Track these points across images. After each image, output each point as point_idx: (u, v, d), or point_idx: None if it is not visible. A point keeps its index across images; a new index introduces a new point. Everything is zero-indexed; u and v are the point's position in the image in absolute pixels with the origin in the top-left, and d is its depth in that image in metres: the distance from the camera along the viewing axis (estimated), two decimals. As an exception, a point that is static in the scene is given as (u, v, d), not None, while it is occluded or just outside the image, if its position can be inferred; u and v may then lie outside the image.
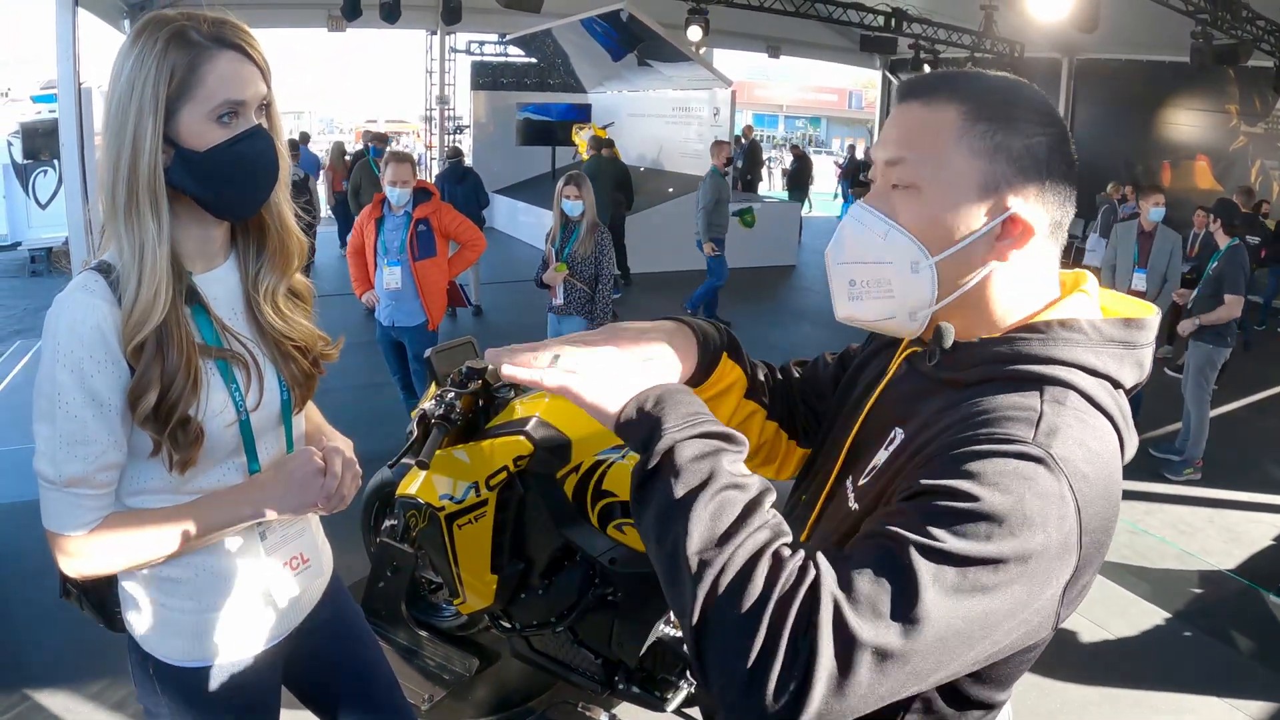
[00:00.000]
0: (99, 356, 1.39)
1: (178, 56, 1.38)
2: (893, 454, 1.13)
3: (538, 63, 18.19)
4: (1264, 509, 5.83)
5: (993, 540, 0.90)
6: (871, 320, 1.17)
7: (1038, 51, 15.72)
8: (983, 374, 1.09)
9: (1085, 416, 1.02)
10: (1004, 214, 1.08)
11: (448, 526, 2.98)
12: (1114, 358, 1.08)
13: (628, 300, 10.97)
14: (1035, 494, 0.93)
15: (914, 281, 1.11)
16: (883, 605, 0.88)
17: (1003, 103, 1.10)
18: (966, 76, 1.13)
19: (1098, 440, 1.02)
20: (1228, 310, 6.09)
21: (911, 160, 1.10)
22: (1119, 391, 1.09)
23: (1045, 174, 1.09)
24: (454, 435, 2.97)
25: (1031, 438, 0.97)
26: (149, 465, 1.50)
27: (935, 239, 1.10)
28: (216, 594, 1.61)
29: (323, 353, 1.70)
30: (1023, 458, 0.94)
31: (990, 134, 1.08)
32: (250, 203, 1.52)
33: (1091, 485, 0.97)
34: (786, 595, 0.89)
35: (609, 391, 1.06)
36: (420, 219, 5.28)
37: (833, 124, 41.39)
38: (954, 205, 1.09)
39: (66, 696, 3.43)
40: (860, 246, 1.15)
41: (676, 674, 3.01)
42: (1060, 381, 1.04)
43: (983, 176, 1.08)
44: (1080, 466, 0.97)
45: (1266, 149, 13.62)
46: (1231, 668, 4.04)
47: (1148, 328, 1.12)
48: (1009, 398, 1.03)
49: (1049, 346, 1.06)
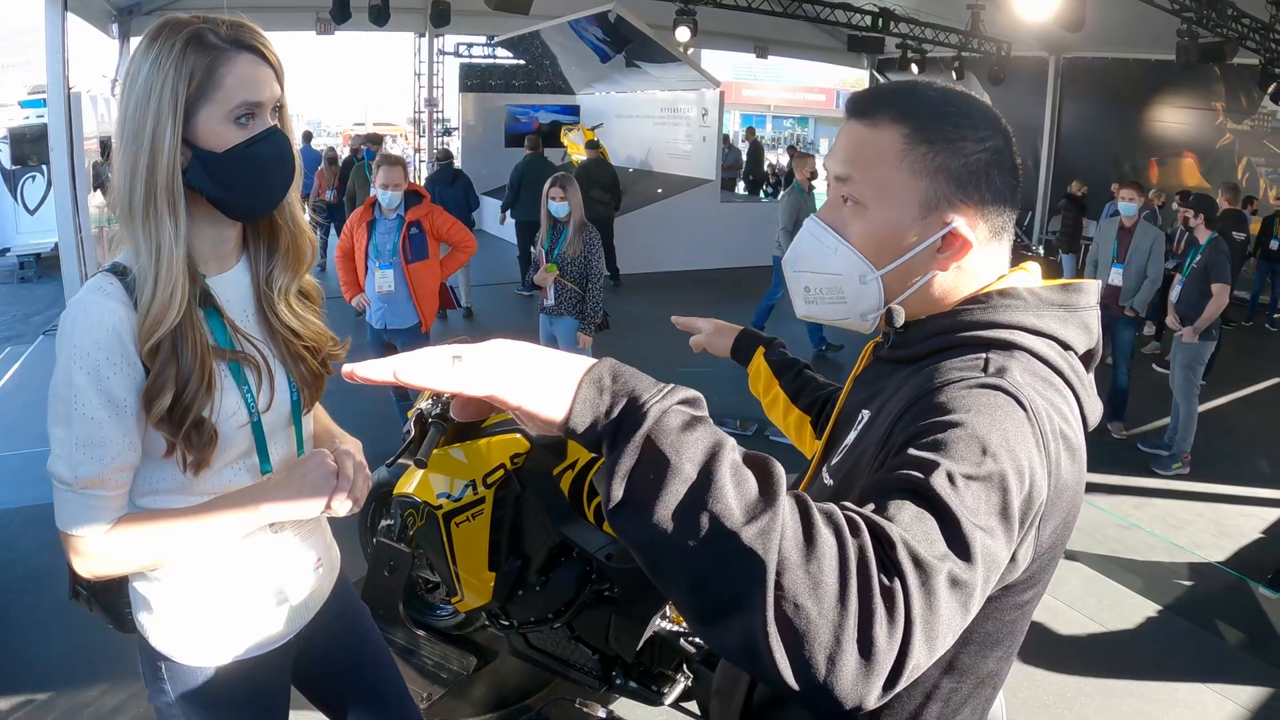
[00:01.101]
0: (115, 358, 1.40)
1: (196, 59, 1.39)
2: (860, 431, 1.20)
3: (526, 65, 18.17)
4: (1252, 502, 5.88)
5: (987, 459, 0.94)
6: (828, 320, 1.28)
7: (1024, 50, 15.76)
8: (932, 345, 1.17)
9: (1033, 368, 1.09)
10: (944, 229, 1.15)
11: (445, 525, 3.00)
12: (1056, 319, 1.15)
13: (618, 302, 10.99)
14: (1002, 412, 0.99)
15: (862, 290, 1.21)
16: (935, 535, 0.86)
17: (943, 122, 1.14)
18: (907, 94, 1.18)
19: (1048, 388, 1.08)
20: (1217, 302, 6.12)
21: (857, 179, 1.18)
22: (1070, 354, 1.15)
23: (985, 187, 1.15)
24: (450, 434, 2.99)
25: (983, 375, 1.04)
26: (162, 466, 1.52)
27: (880, 253, 1.18)
28: (228, 593, 1.63)
29: (331, 353, 1.72)
30: (982, 387, 1.02)
31: (931, 156, 1.14)
32: (266, 203, 1.54)
33: (1047, 413, 1.03)
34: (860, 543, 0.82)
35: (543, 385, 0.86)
36: (413, 221, 5.30)
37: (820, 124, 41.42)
38: (897, 223, 1.16)
39: (69, 700, 3.44)
40: (814, 258, 1.25)
41: (674, 668, 3.04)
42: (1005, 343, 1.11)
43: (924, 195, 1.15)
44: (1031, 393, 1.03)
45: (1253, 146, 13.69)
46: (1221, 657, 4.09)
47: (1086, 291, 1.19)
48: (958, 359, 1.10)
49: (990, 313, 1.14)
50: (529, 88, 18.23)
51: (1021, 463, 0.96)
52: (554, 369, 0.87)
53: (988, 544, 0.90)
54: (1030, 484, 0.97)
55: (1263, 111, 13.31)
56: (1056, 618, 4.23)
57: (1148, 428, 7.01)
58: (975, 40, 15.18)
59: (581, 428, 0.85)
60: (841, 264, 1.21)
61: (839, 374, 1.41)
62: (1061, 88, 16.50)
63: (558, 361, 0.88)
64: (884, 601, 0.79)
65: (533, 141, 12.37)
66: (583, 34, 13.89)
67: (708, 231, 13.71)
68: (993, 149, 1.15)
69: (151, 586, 1.62)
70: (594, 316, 5.61)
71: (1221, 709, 3.65)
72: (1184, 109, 14.49)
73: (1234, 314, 9.24)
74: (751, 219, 14.73)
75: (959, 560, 0.86)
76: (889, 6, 14.93)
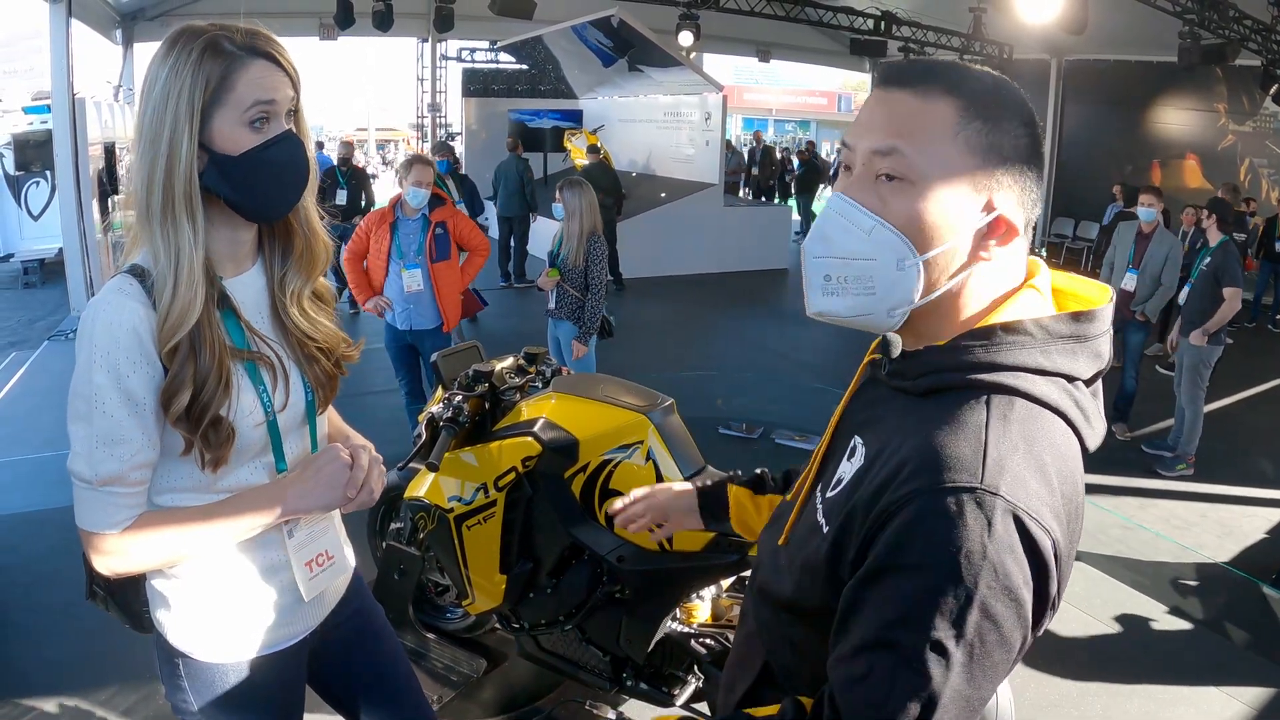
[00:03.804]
0: (135, 357, 1.43)
1: (212, 66, 1.42)
2: (856, 472, 1.15)
3: (529, 69, 18.21)
4: (1257, 503, 5.89)
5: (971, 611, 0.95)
6: (845, 316, 1.14)
7: (1026, 53, 15.78)
8: (930, 384, 1.10)
9: (1033, 427, 1.04)
10: (993, 213, 1.08)
11: (457, 528, 3.01)
12: (1065, 354, 1.08)
13: (621, 306, 11.01)
14: (996, 544, 0.96)
15: (898, 279, 1.09)
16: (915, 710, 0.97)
17: (994, 101, 1.08)
18: (956, 69, 1.11)
19: (1049, 450, 1.04)
20: (1229, 305, 6.12)
21: (906, 152, 1.07)
22: (1077, 385, 1.10)
23: (1026, 173, 1.09)
24: (461, 438, 3.00)
25: (980, 480, 0.98)
26: (179, 464, 1.54)
27: (924, 236, 1.08)
28: (244, 591, 1.65)
29: (344, 354, 1.74)
30: (979, 506, 0.97)
31: (985, 132, 1.07)
32: (282, 205, 1.57)
33: (1045, 503, 1.00)
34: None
35: None
36: (438, 222, 5.36)
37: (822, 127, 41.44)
38: (948, 202, 1.07)
39: (78, 702, 3.45)
40: (843, 241, 1.11)
41: (684, 670, 3.05)
42: (1006, 389, 1.05)
43: (976, 173, 1.07)
44: (1032, 487, 1.00)
45: (1255, 147, 13.70)
46: (1227, 657, 4.10)
47: (1099, 318, 1.11)
48: (956, 420, 1.04)
49: (993, 353, 1.07)
50: (532, 92, 18.26)
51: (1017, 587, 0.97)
52: None
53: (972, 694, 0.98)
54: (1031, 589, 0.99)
55: (1265, 113, 13.33)
56: (1062, 619, 4.23)
57: (1151, 429, 7.02)
58: (977, 43, 15.22)
59: None
60: (877, 248, 1.08)
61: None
62: (1063, 90, 16.54)
63: None
64: None
65: (511, 144, 12.58)
66: (585, 38, 13.92)
67: (711, 235, 13.71)
68: (1033, 136, 1.10)
69: (169, 584, 1.64)
70: (590, 326, 5.59)
71: (1228, 708, 3.66)
72: (1186, 111, 14.51)
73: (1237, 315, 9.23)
74: (754, 223, 14.75)
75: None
76: (891, 10, 14.97)
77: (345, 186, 10.46)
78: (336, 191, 10.31)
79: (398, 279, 5.31)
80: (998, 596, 0.95)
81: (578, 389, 3.14)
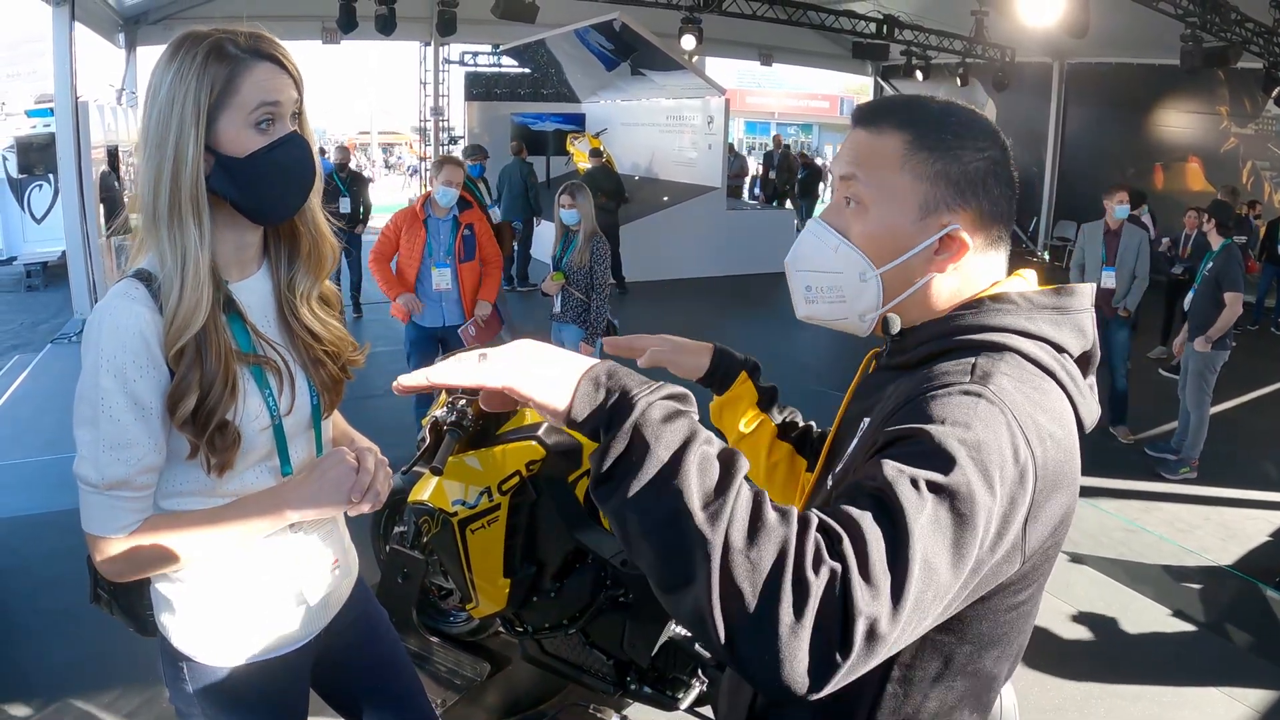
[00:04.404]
0: (141, 361, 1.43)
1: (217, 69, 1.43)
2: (861, 438, 1.22)
3: (531, 73, 18.21)
4: (1260, 506, 5.89)
5: (959, 467, 0.96)
6: (826, 320, 1.32)
7: (1029, 56, 15.79)
8: (927, 351, 1.20)
9: (1022, 372, 1.11)
10: (941, 231, 1.20)
11: (460, 531, 3.01)
12: (1049, 322, 1.18)
13: (624, 309, 11.00)
14: (981, 421, 1.01)
15: (862, 289, 1.25)
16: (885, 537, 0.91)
17: (944, 132, 1.20)
18: (911, 105, 1.24)
19: (1037, 392, 1.10)
20: (1230, 310, 6.11)
21: (861, 179, 1.23)
22: (1065, 356, 1.18)
23: (982, 194, 1.20)
24: (465, 442, 3.00)
25: (968, 380, 1.07)
26: (185, 468, 1.54)
27: (880, 252, 1.23)
28: (249, 594, 1.65)
29: (350, 358, 1.74)
30: (965, 393, 1.04)
31: (931, 161, 1.19)
32: (288, 207, 1.57)
33: (1035, 424, 1.05)
34: (801, 533, 0.89)
35: (550, 381, 1.00)
36: (468, 224, 5.47)
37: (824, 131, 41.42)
38: (897, 223, 1.21)
39: (82, 705, 3.45)
40: (815, 257, 1.29)
41: (688, 673, 3.05)
42: (995, 345, 1.14)
43: (924, 198, 1.19)
44: (1019, 403, 1.05)
45: (1257, 150, 13.71)
46: (1230, 660, 4.10)
47: (1079, 294, 1.22)
48: (949, 363, 1.13)
49: (981, 316, 1.18)
50: (534, 96, 18.25)
51: (992, 471, 0.98)
52: (560, 367, 1.02)
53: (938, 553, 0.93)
54: (1007, 489, 1.00)
55: (1267, 115, 13.34)
56: (1065, 621, 4.24)
57: (1154, 432, 7.02)
58: (979, 47, 15.24)
59: (580, 418, 0.99)
60: (842, 263, 1.25)
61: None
62: (1066, 93, 16.54)
63: (564, 360, 1.03)
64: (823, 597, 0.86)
65: (515, 147, 12.62)
66: (588, 42, 13.93)
67: (713, 239, 13.72)
68: (990, 159, 1.20)
69: (173, 587, 1.64)
70: (596, 327, 5.61)
71: (1231, 711, 3.65)
72: (1188, 113, 14.52)
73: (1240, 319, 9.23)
74: (756, 227, 14.75)
75: (908, 571, 0.90)
76: (893, 13, 14.98)
77: (347, 193, 10.08)
78: (339, 199, 9.89)
79: (429, 277, 5.42)
80: (977, 471, 0.97)
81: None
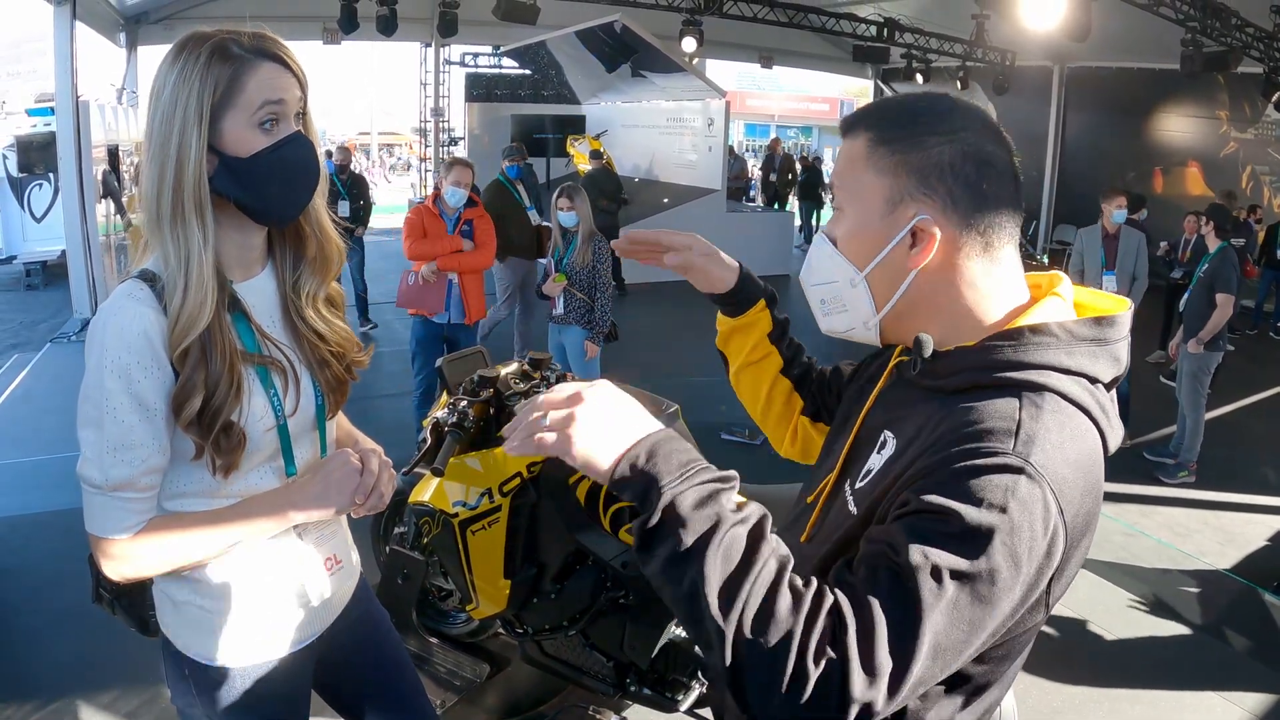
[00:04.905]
0: (146, 362, 1.43)
1: (221, 69, 1.43)
2: (886, 461, 1.20)
3: (532, 74, 18.21)
4: (1258, 510, 5.90)
5: (986, 554, 0.98)
6: (844, 332, 1.29)
7: (1029, 60, 15.80)
8: (963, 382, 1.16)
9: (1062, 417, 1.09)
10: (910, 223, 1.17)
11: (461, 533, 3.01)
12: (1088, 356, 1.15)
13: (623, 311, 10.99)
14: (1019, 503, 1.00)
15: (855, 295, 1.24)
16: (895, 626, 0.97)
17: (905, 124, 1.19)
18: (880, 106, 1.25)
19: (1075, 440, 1.09)
20: (1221, 312, 6.13)
21: (838, 184, 1.25)
22: (1098, 386, 1.16)
23: (951, 180, 1.16)
24: (466, 443, 3.00)
25: (1011, 448, 1.03)
26: (189, 469, 1.54)
27: (859, 254, 1.22)
28: (253, 595, 1.65)
29: (355, 359, 1.75)
30: (1005, 470, 1.01)
31: (891, 154, 1.18)
32: (293, 207, 1.57)
33: (1071, 485, 1.05)
34: (809, 622, 0.96)
35: (597, 450, 1.06)
36: (467, 220, 5.73)
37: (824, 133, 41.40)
38: (866, 221, 1.21)
39: (81, 705, 3.46)
40: (819, 269, 1.29)
41: (688, 675, 3.05)
42: (1035, 385, 1.11)
43: (888, 191, 1.18)
44: (1059, 470, 1.04)
45: (1257, 155, 13.72)
46: (1228, 664, 4.11)
47: (1119, 324, 1.18)
48: (990, 405, 1.10)
49: (1021, 352, 1.13)
50: (534, 97, 18.25)
51: (1021, 552, 0.99)
52: (614, 434, 1.08)
53: (950, 635, 0.98)
54: (1035, 564, 1.01)
55: (1267, 120, 13.35)
56: (1063, 625, 4.24)
57: (1152, 436, 7.02)
58: (980, 50, 15.24)
59: (618, 494, 1.07)
60: (837, 270, 1.25)
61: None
62: (1066, 97, 16.56)
63: (621, 426, 1.09)
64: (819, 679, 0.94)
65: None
66: (588, 44, 13.94)
67: (713, 241, 13.53)
68: (962, 141, 1.16)
69: (176, 588, 1.64)
70: (601, 327, 5.64)
71: (1228, 715, 3.66)
72: (1188, 118, 14.53)
73: (1239, 322, 9.25)
74: (757, 229, 14.75)
75: (914, 652, 0.96)
76: (894, 16, 14.99)
77: (347, 196, 9.72)
78: (339, 202, 9.47)
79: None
80: (1006, 555, 0.99)
81: (582, 394, 3.14)
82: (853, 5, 15.35)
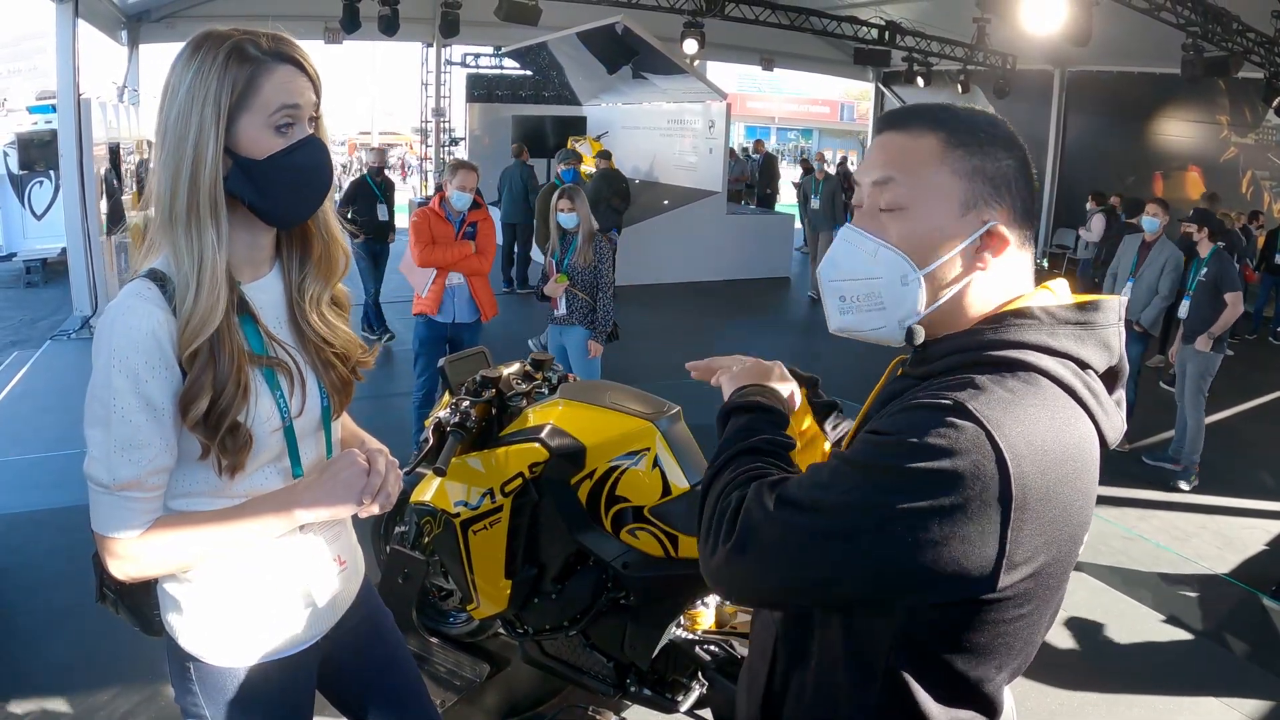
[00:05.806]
0: (154, 361, 1.43)
1: (238, 70, 1.43)
2: None
3: (533, 75, 18.22)
4: (1257, 515, 5.92)
5: (897, 456, 1.08)
6: (863, 331, 1.29)
7: (1030, 64, 15.82)
8: (948, 364, 1.20)
9: (1035, 388, 1.13)
10: (984, 227, 1.20)
11: (462, 532, 3.02)
12: (1072, 339, 1.18)
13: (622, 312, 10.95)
14: (941, 432, 1.07)
15: (903, 293, 1.23)
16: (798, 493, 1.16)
17: (976, 131, 1.22)
18: (941, 109, 1.25)
19: (1048, 412, 1.12)
20: (1232, 309, 6.14)
21: (899, 180, 1.22)
22: (1088, 372, 1.19)
23: (1014, 193, 1.21)
24: (468, 443, 3.01)
25: (957, 395, 1.10)
26: (195, 469, 1.54)
27: (922, 252, 1.21)
28: (257, 595, 1.65)
29: (360, 360, 1.75)
30: (939, 408, 1.09)
31: (968, 157, 1.20)
32: (305, 209, 1.57)
33: (1031, 448, 1.07)
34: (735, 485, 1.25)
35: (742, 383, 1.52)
36: (471, 221, 5.73)
37: (825, 136, 41.45)
38: (939, 221, 1.21)
39: (80, 704, 3.46)
40: (851, 264, 1.27)
41: (688, 676, 3.05)
42: (1013, 362, 1.15)
43: (964, 194, 1.20)
44: (1013, 426, 1.07)
45: (1257, 159, 13.74)
46: (1227, 668, 4.12)
47: (1104, 309, 1.23)
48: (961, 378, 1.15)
49: (1003, 333, 1.18)
50: (535, 98, 18.26)
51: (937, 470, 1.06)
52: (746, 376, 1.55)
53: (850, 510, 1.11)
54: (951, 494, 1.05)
55: (1267, 125, 13.37)
56: (1062, 628, 4.25)
57: (1151, 441, 7.03)
58: (981, 53, 15.25)
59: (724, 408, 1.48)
60: (882, 267, 1.23)
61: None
62: (1066, 101, 16.58)
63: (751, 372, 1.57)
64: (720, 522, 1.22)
65: (516, 149, 12.63)
66: (590, 45, 13.94)
67: (713, 243, 13.72)
68: (1018, 159, 1.22)
69: (181, 587, 1.64)
70: (604, 325, 5.65)
71: (1226, 719, 3.67)
72: (1188, 123, 14.55)
73: (1238, 327, 9.26)
74: (757, 231, 14.76)
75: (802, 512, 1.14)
76: (895, 19, 15.00)
77: (383, 199, 9.44)
78: (377, 206, 9.26)
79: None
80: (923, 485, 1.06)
81: (585, 396, 3.15)
82: (854, 8, 15.37)
